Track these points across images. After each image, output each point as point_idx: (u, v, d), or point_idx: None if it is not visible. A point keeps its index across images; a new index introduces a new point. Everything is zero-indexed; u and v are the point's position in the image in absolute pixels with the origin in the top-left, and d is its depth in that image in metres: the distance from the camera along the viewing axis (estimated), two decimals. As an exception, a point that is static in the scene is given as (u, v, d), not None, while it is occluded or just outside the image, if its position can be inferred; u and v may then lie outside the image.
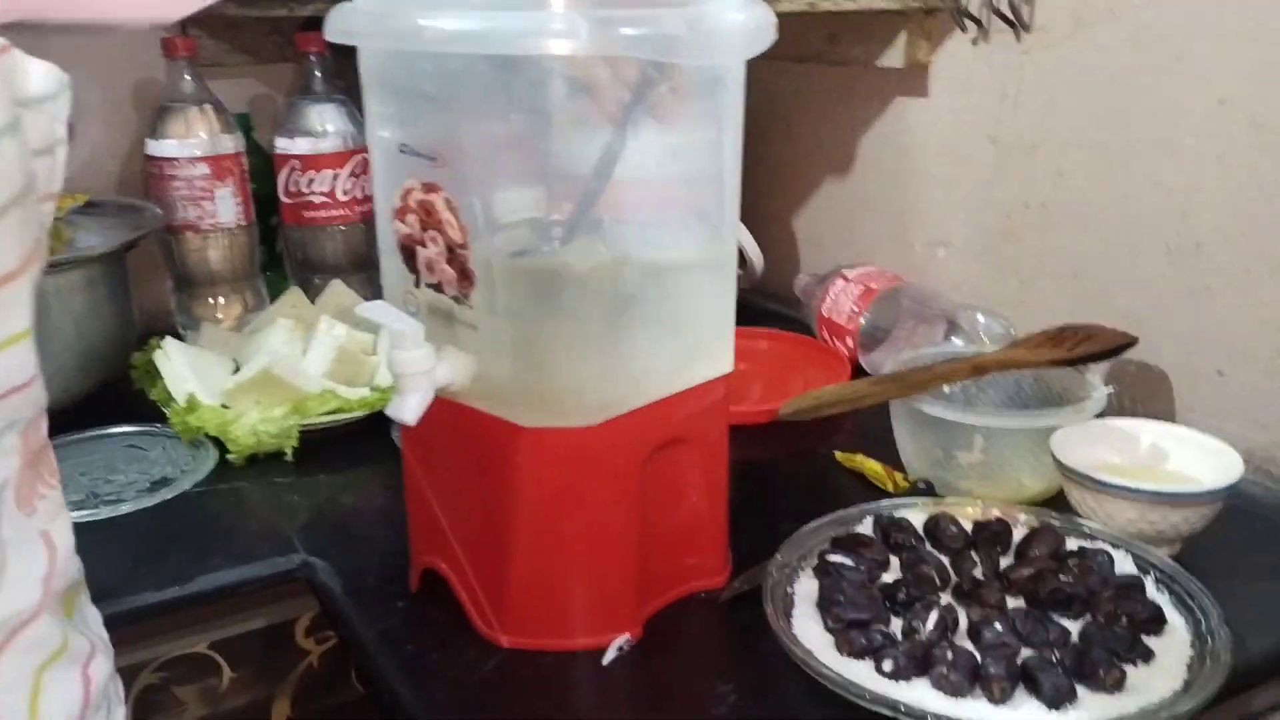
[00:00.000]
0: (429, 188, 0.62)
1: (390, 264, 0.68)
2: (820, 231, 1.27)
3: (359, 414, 0.95)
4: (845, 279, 1.09)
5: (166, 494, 0.86)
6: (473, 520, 0.68)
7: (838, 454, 0.90)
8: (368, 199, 1.18)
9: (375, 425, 0.94)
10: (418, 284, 0.66)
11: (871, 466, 0.86)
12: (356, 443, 0.94)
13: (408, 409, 0.63)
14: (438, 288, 0.65)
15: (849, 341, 1.07)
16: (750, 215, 1.21)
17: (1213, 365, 0.89)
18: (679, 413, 0.68)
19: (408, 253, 0.66)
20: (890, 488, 0.84)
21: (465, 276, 0.63)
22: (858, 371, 1.05)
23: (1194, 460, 0.77)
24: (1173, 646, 0.64)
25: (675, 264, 0.68)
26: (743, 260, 1.21)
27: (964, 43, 1.03)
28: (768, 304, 1.28)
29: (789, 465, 0.92)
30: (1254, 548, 0.77)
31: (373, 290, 1.19)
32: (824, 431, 0.94)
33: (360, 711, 0.84)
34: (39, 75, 0.43)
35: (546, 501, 0.65)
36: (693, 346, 0.69)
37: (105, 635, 0.56)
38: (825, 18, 1.08)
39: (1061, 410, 0.81)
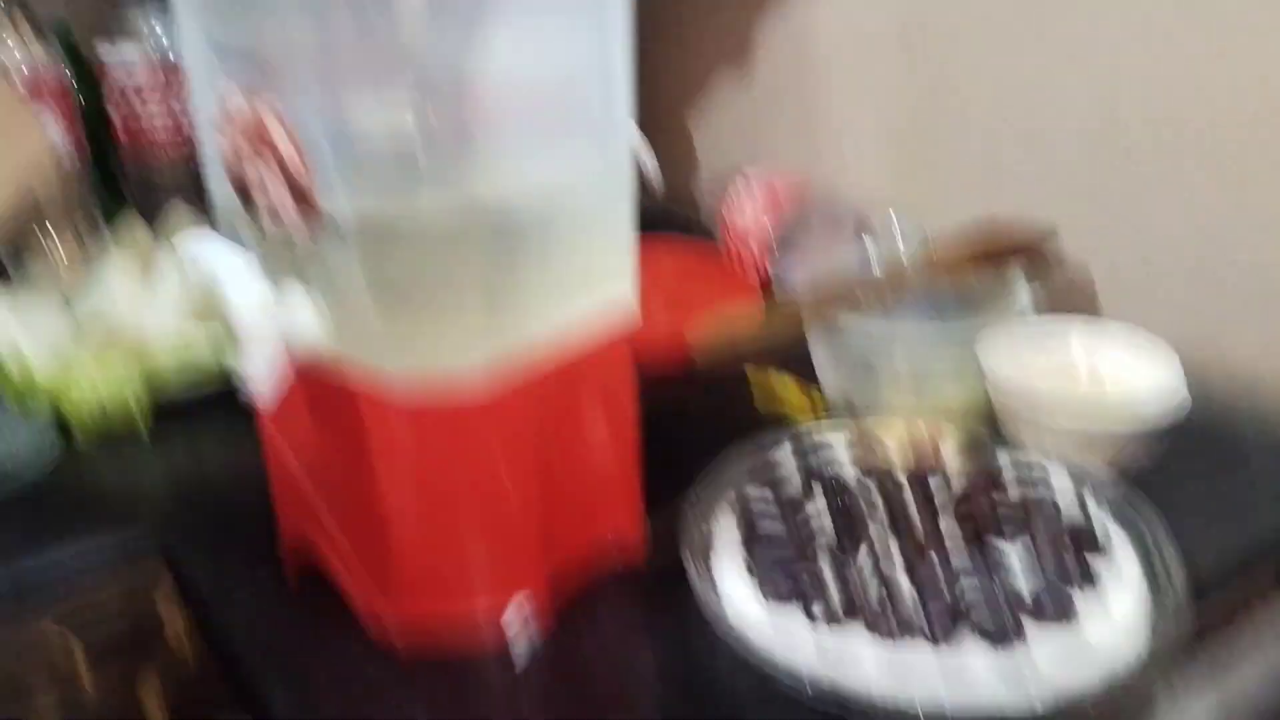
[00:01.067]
0: (255, 96, 0.52)
1: (219, 190, 0.57)
2: (720, 131, 1.18)
3: (215, 375, 0.84)
4: (748, 180, 1.01)
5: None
6: (347, 492, 0.60)
7: (748, 372, 0.83)
8: (214, 113, 1.05)
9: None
10: (253, 214, 0.56)
11: (786, 385, 0.79)
12: (216, 401, 0.83)
13: (255, 367, 0.54)
14: (277, 219, 0.55)
15: (755, 247, 1.00)
16: (642, 118, 1.12)
17: (1138, 256, 0.84)
18: (576, 349, 0.60)
19: (237, 176, 0.55)
20: (808, 410, 0.78)
21: (308, 206, 0.53)
22: (766, 280, 0.98)
23: (1126, 359, 0.73)
24: (1119, 567, 0.59)
25: (561, 184, 0.58)
26: (639, 174, 1.12)
27: (866, -85, 0.94)
28: (666, 209, 1.19)
29: (696, 389, 0.85)
30: (1187, 450, 0.73)
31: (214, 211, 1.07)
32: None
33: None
34: None
35: (429, 464, 0.57)
36: (587, 276, 0.60)
37: None
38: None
39: (985, 315, 0.75)
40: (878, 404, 0.76)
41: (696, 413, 0.82)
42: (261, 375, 0.54)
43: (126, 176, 1.08)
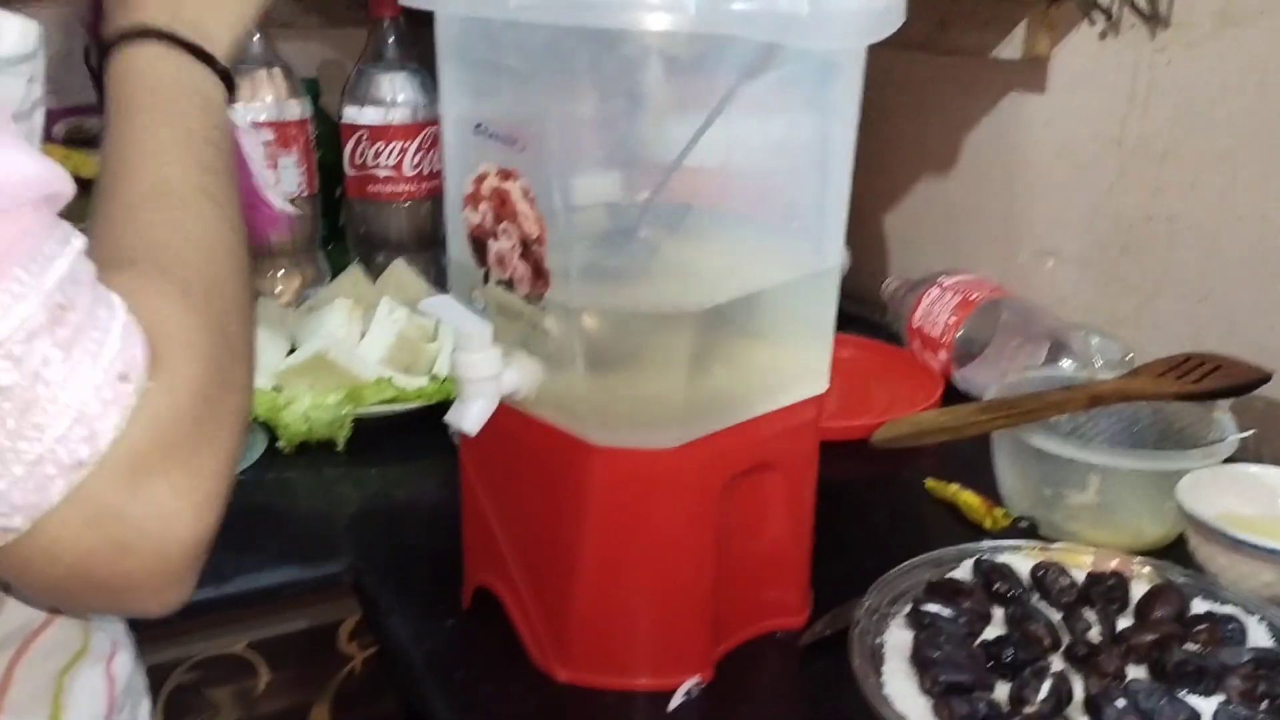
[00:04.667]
0: (505, 174, 0.56)
1: (458, 255, 0.61)
2: (914, 233, 1.19)
3: (415, 404, 0.89)
4: (942, 287, 1.01)
5: (210, 481, 0.81)
6: (534, 542, 0.62)
7: (928, 482, 0.82)
8: (436, 174, 1.13)
9: (432, 416, 0.89)
10: (486, 279, 0.60)
11: (967, 499, 0.78)
12: (412, 434, 0.89)
13: (469, 417, 0.57)
14: (508, 285, 0.58)
15: (942, 355, 0.99)
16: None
17: (1358, 408, 0.80)
18: (766, 434, 0.61)
19: (478, 244, 0.60)
20: (988, 524, 0.77)
21: (540, 275, 0.57)
22: (949, 388, 0.98)
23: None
24: (1319, 736, 0.56)
25: (772, 278, 0.61)
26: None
27: (1090, 36, 0.94)
28: (851, 307, 1.19)
29: (873, 490, 0.85)
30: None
31: (436, 270, 1.14)
32: (911, 453, 0.87)
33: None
34: (13, 34, 0.39)
35: (615, 528, 0.59)
36: (787, 364, 0.62)
37: (124, 627, 0.52)
38: (937, 2, 1.00)
39: (1189, 452, 0.72)
40: (1064, 530, 0.74)
41: (871, 513, 0.82)
42: (474, 424, 0.57)
43: (354, 229, 1.16)
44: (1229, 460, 0.73)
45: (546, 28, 0.51)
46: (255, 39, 1.06)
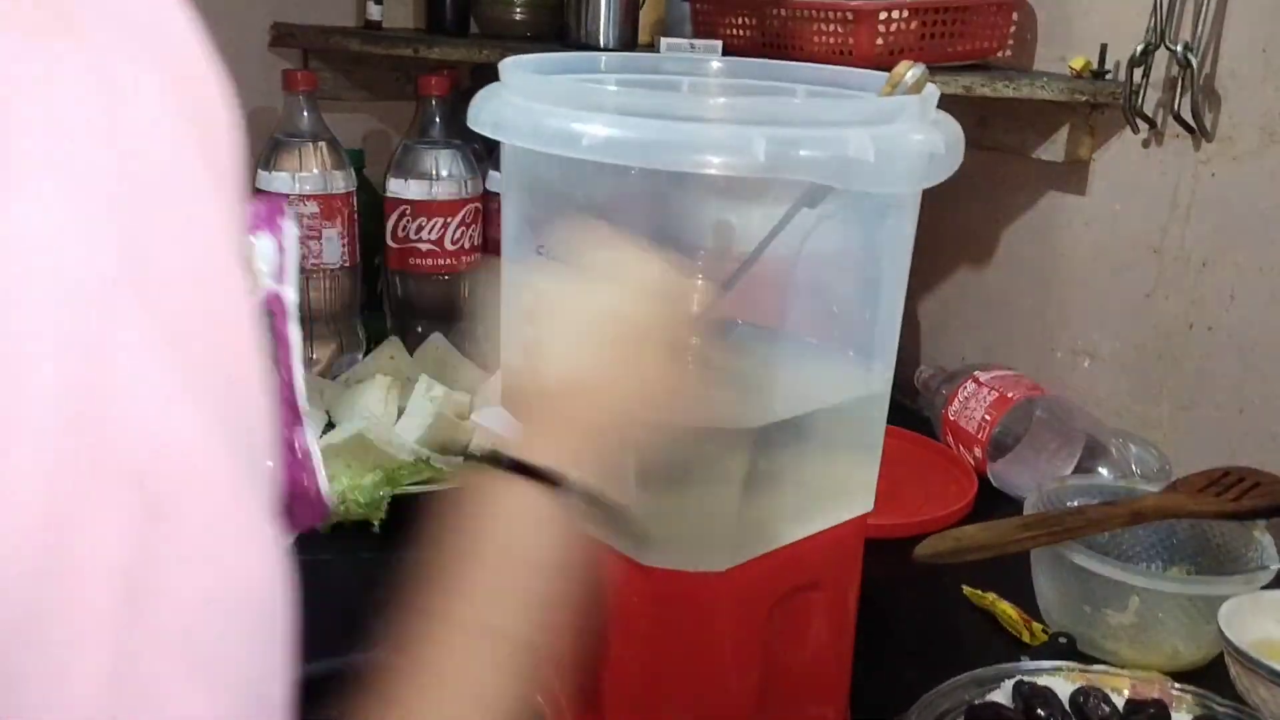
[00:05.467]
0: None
1: (510, 357, 0.62)
2: (948, 321, 1.19)
3: (454, 485, 0.90)
4: (978, 382, 1.01)
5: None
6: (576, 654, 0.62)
7: (966, 589, 0.82)
8: (476, 248, 1.14)
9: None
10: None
11: (1006, 610, 0.78)
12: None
13: (519, 533, 0.58)
14: (564, 399, 0.59)
15: (977, 452, 0.99)
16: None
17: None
18: (812, 555, 0.62)
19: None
20: (1026, 638, 0.76)
21: (596, 393, 0.57)
22: (983, 483, 0.98)
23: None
24: None
25: (824, 395, 0.61)
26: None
27: (1133, 143, 0.95)
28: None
29: (909, 593, 0.84)
30: None
31: (473, 341, 1.14)
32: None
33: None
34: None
35: (659, 645, 0.59)
36: (835, 483, 0.63)
37: None
38: (977, 101, 1.01)
39: (1231, 579, 0.72)
40: (1101, 647, 0.74)
41: (909, 619, 0.82)
42: None
43: (392, 297, 1.17)
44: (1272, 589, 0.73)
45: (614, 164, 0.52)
46: (305, 113, 1.08)
